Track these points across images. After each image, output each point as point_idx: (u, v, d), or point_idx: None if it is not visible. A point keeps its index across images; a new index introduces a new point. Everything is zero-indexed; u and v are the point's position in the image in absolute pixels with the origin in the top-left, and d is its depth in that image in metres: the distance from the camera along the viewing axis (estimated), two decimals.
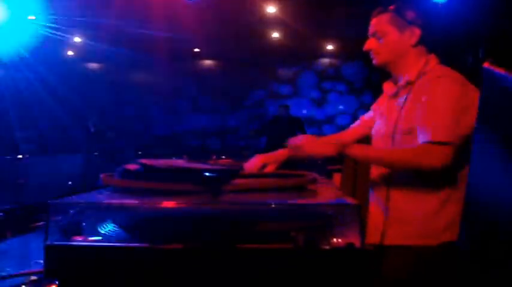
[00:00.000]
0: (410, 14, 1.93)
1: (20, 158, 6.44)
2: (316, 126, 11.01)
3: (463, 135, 1.75)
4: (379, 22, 1.98)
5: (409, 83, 1.94)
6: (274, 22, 8.90)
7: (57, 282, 1.38)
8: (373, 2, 2.12)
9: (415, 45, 1.95)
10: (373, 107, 2.24)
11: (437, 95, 1.81)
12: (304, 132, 9.08)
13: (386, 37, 1.96)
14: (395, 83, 2.04)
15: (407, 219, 1.89)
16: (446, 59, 1.98)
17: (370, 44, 2.01)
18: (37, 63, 9.96)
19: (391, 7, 1.98)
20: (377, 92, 2.25)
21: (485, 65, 1.38)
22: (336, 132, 2.43)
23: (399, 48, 1.96)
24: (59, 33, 9.26)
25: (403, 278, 1.84)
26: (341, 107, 11.09)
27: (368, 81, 10.67)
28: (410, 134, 1.85)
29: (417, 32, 1.93)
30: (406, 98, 1.93)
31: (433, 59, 1.95)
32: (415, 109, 1.86)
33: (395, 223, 1.90)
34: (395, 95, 2.02)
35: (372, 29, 2.01)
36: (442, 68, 1.91)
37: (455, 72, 1.87)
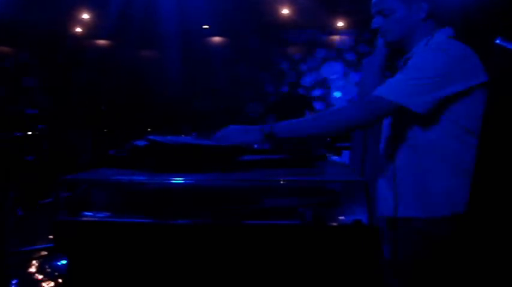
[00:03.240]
0: None
1: (29, 135, 6.47)
2: None
3: (426, 101, 1.73)
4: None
5: (409, 57, 1.92)
6: None
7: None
8: None
9: (425, 20, 1.92)
10: None
11: (415, 61, 1.82)
12: (312, 110, 9.04)
13: (395, 13, 1.93)
14: None
15: (410, 192, 1.89)
16: (464, 35, 1.94)
17: (377, 23, 1.97)
18: (44, 39, 9.94)
19: None
20: None
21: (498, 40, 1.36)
22: None
23: (409, 23, 1.93)
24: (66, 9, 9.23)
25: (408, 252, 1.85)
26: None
27: None
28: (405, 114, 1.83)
29: (425, 5, 1.90)
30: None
31: (442, 33, 1.92)
32: None
33: (403, 197, 1.90)
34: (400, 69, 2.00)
35: (376, 7, 1.96)
36: (447, 41, 1.87)
37: (456, 45, 1.83)
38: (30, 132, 6.58)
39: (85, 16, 10.06)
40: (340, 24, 10.46)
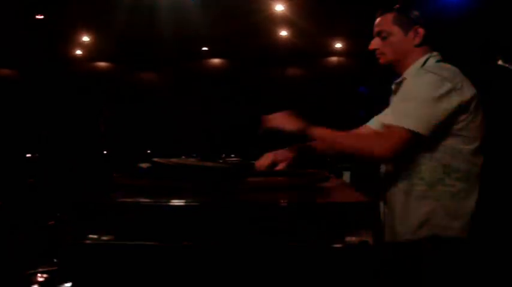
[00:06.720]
0: (414, 13, 1.93)
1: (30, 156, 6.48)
2: None
3: (429, 126, 1.74)
4: (383, 22, 1.98)
5: (404, 79, 1.94)
6: (282, 20, 8.90)
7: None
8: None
9: (420, 45, 1.94)
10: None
11: (411, 86, 1.83)
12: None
13: (391, 37, 1.96)
14: None
15: (392, 216, 1.89)
16: (458, 59, 1.97)
17: (375, 44, 2.01)
18: (45, 61, 9.99)
19: (396, 6, 1.97)
20: None
21: (499, 62, 1.38)
22: None
23: (404, 48, 1.95)
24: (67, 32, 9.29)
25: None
26: None
27: None
28: None
29: (421, 31, 1.92)
30: (397, 95, 1.95)
31: (434, 57, 1.94)
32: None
33: (387, 221, 1.91)
34: (394, 93, 2.03)
35: (376, 28, 2.00)
36: (438, 65, 1.90)
37: (446, 68, 1.85)
38: (29, 155, 6.59)
39: (85, 39, 10.13)
40: (338, 45, 10.55)
